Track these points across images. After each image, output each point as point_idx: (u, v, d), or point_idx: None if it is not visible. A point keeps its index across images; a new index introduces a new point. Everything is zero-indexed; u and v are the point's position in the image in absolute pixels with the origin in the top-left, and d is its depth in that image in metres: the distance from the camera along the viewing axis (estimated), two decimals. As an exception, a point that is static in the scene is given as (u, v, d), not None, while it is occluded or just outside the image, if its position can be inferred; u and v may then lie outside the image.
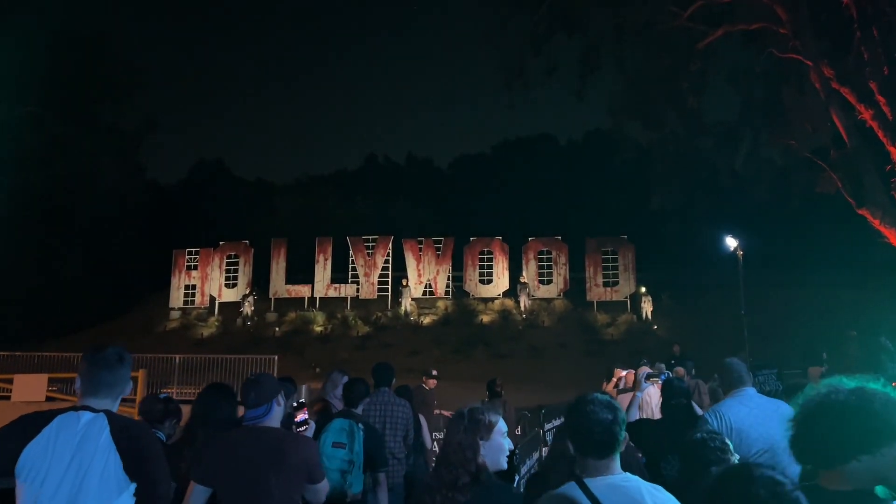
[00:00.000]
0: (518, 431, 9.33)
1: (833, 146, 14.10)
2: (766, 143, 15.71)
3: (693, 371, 12.62)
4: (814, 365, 9.05)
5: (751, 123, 15.53)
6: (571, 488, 2.26)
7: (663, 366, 8.62)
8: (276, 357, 16.14)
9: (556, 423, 9.80)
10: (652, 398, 7.38)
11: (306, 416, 4.63)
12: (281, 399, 3.43)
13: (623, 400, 6.42)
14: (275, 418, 3.36)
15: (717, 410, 4.17)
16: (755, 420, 3.98)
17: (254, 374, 3.59)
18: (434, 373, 9.33)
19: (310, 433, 4.49)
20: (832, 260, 26.57)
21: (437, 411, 9.30)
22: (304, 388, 6.83)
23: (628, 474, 2.32)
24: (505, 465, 2.72)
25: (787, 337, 18.55)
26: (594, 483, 2.24)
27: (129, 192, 37.24)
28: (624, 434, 2.38)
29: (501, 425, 2.74)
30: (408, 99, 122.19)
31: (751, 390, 4.22)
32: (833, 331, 14.37)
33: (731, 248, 15.25)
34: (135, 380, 15.06)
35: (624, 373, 8.38)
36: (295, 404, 4.71)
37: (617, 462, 2.34)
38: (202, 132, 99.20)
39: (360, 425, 4.60)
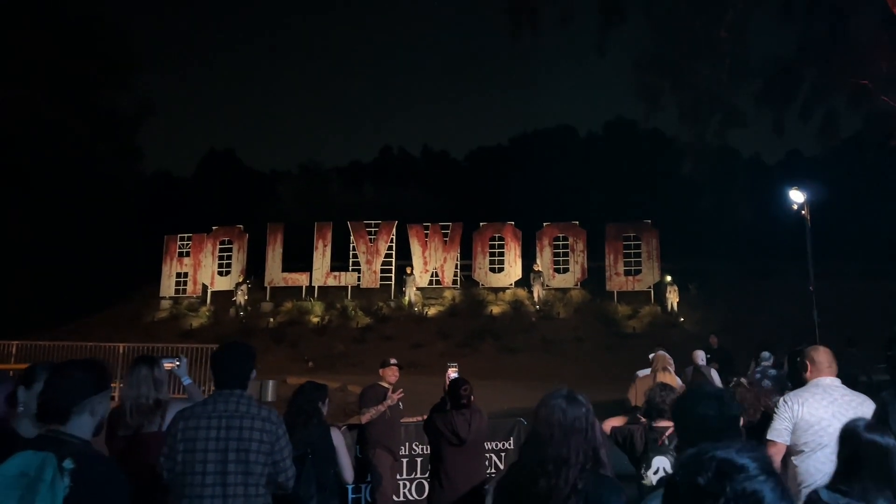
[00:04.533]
0: (508, 444, 7.21)
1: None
2: (830, 87, 13.06)
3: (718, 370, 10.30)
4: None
5: (811, 62, 12.92)
6: None
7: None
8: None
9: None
10: None
11: None
12: None
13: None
14: None
15: (799, 395, 3.96)
16: (837, 411, 3.77)
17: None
18: (392, 361, 6.72)
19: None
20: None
21: (404, 419, 6.83)
22: (144, 372, 3.90)
23: None
24: None
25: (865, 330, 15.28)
26: None
27: (126, 177, 35.78)
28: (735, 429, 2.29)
29: None
30: (425, 93, 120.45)
31: (836, 380, 3.97)
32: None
33: (795, 206, 12.60)
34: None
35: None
36: None
37: None
38: (216, 125, 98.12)
39: (68, 462, 2.17)
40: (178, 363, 4.30)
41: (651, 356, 7.49)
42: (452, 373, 5.77)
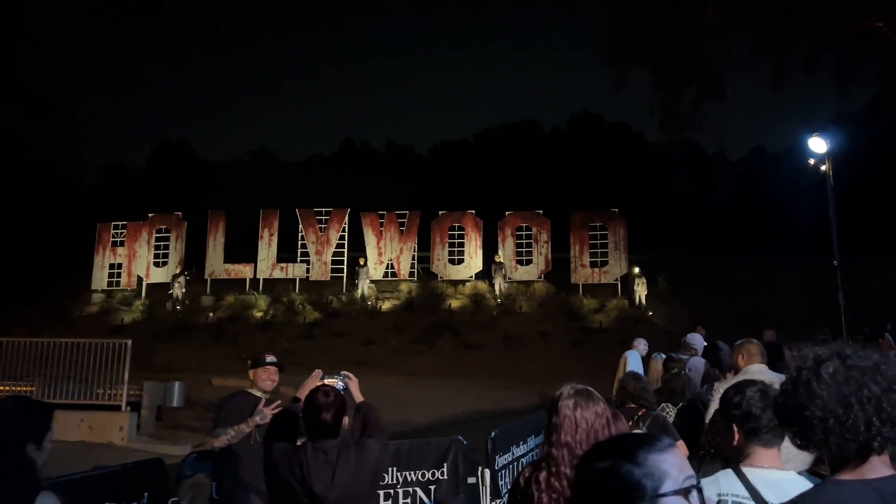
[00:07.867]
0: (440, 474, 5.41)
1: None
2: (838, 32, 11.52)
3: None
4: None
5: (814, 7, 11.35)
6: (726, 475, 2.16)
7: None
8: (130, 341, 12.32)
9: (519, 451, 5.88)
10: None
11: None
12: None
13: None
14: None
15: (723, 385, 4.10)
16: None
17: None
18: (269, 359, 4.61)
19: None
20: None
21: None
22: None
23: (794, 473, 2.13)
24: None
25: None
26: (752, 472, 2.13)
27: (64, 163, 33.44)
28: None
29: None
30: (389, 88, 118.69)
31: (762, 367, 4.29)
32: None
33: (813, 160, 10.85)
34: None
35: None
36: None
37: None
38: (174, 118, 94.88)
39: None
40: None
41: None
42: (333, 383, 3.34)
